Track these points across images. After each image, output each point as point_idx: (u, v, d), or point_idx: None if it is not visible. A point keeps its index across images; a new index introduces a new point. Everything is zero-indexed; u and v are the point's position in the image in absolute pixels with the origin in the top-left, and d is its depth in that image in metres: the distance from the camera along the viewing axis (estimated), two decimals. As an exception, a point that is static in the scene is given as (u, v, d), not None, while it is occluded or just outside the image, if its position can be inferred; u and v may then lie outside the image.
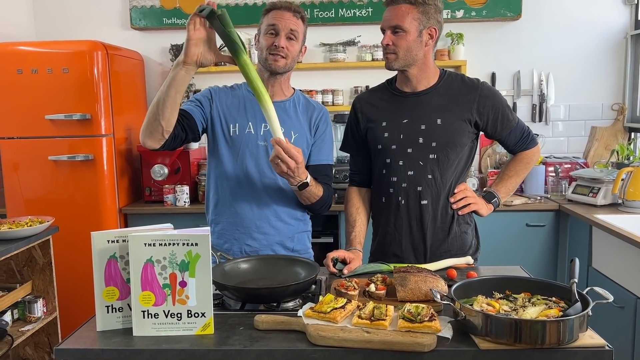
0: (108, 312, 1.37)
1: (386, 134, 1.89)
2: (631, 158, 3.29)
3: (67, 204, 3.20)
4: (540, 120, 3.75)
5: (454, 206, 1.90)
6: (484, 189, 1.92)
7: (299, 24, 1.85)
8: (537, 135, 3.51)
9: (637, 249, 2.37)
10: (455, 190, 1.90)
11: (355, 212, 1.99)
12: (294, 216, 1.95)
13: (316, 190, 1.86)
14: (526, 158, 2.00)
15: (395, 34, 1.80)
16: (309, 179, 1.78)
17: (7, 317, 2.63)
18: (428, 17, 1.80)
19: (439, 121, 1.85)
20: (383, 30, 1.85)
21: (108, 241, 1.36)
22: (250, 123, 1.90)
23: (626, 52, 3.67)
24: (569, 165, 3.47)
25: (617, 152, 3.36)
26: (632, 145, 3.54)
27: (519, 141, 1.97)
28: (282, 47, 1.81)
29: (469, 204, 1.92)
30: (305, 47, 1.96)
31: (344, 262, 1.80)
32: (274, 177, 1.88)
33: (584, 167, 3.45)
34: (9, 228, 2.55)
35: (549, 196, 3.37)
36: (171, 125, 1.70)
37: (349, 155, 2.09)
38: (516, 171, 2.01)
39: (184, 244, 1.31)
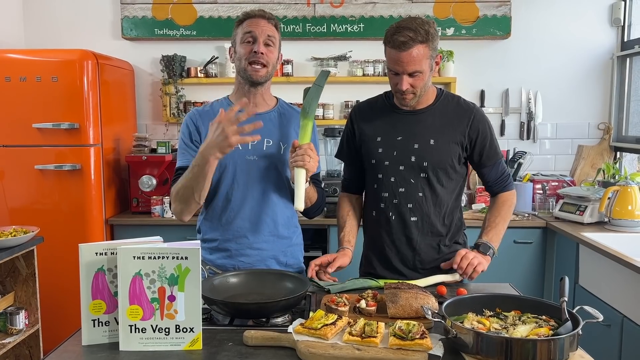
0: (94, 326, 1.34)
1: (380, 150, 1.90)
2: (617, 177, 3.33)
3: (52, 214, 3.16)
4: (527, 138, 3.79)
5: (468, 278, 1.80)
6: (476, 242, 1.89)
7: (274, 30, 1.85)
8: (525, 153, 3.56)
9: (624, 268, 2.39)
10: (457, 259, 1.78)
11: (345, 215, 2.00)
12: (287, 230, 1.93)
13: (313, 194, 1.89)
14: (508, 201, 1.96)
15: (412, 76, 1.77)
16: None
17: (-12, 328, 2.58)
18: (434, 46, 1.78)
19: (432, 141, 1.86)
20: (391, 70, 1.79)
21: (96, 253, 1.34)
22: None
23: (612, 72, 3.73)
24: (556, 183, 3.50)
25: (603, 171, 3.40)
26: (617, 165, 3.59)
27: (498, 179, 1.95)
28: (262, 53, 1.80)
29: (478, 267, 1.80)
30: (281, 55, 1.94)
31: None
32: (266, 191, 1.86)
33: (570, 185, 3.49)
34: (-7, 238, 2.51)
35: (536, 213, 3.40)
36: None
37: (342, 164, 2.09)
38: (502, 217, 1.94)
39: (173, 258, 1.29)
